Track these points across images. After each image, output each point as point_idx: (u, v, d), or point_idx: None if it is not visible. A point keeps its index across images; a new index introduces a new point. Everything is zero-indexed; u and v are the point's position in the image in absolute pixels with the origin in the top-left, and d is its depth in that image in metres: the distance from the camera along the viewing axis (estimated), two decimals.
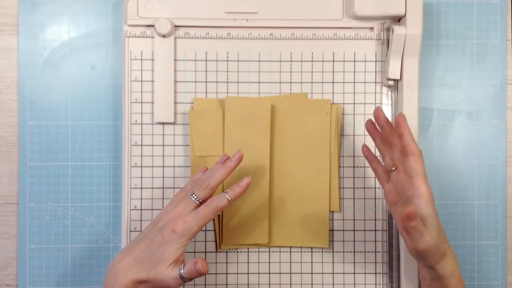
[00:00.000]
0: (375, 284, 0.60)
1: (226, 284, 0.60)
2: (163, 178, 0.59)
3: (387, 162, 0.54)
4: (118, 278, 0.49)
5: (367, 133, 0.60)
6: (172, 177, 0.60)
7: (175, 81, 0.59)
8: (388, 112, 0.60)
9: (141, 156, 0.59)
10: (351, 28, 0.60)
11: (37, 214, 0.61)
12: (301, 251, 0.61)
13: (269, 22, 0.59)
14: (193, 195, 0.51)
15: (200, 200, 0.51)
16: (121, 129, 0.61)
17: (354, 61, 0.60)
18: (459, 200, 0.62)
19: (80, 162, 0.61)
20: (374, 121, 0.55)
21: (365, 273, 0.61)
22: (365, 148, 0.57)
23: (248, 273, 0.60)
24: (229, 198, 0.51)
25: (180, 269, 0.48)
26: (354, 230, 0.61)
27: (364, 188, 0.60)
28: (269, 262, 0.60)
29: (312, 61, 0.60)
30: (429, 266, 0.50)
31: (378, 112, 0.53)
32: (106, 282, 0.50)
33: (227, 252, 0.60)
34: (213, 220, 0.60)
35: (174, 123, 0.60)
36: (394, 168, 0.53)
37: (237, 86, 0.60)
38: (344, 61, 0.60)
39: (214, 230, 0.60)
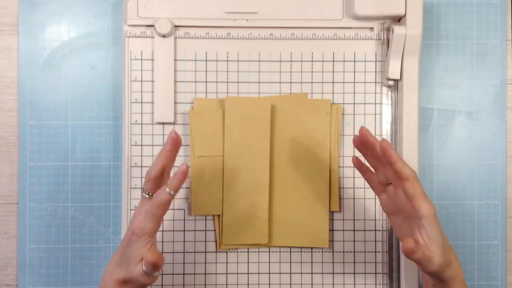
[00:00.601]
0: (375, 284, 0.61)
1: (226, 284, 0.60)
2: None
3: (382, 177, 0.53)
4: (106, 280, 0.51)
5: None
6: None
7: (175, 81, 0.59)
8: (388, 112, 0.60)
9: (141, 156, 0.59)
10: (351, 28, 0.60)
11: (37, 214, 0.61)
12: (301, 251, 0.61)
13: (269, 22, 0.59)
14: (143, 191, 0.50)
15: (150, 194, 0.49)
16: (121, 129, 0.61)
17: (354, 61, 0.60)
18: (459, 200, 0.62)
19: (80, 162, 0.61)
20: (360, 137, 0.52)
21: (365, 273, 0.61)
22: (356, 160, 0.55)
23: (248, 273, 0.60)
24: (168, 191, 0.47)
25: (142, 264, 0.49)
26: (354, 230, 0.61)
27: (364, 188, 0.60)
28: (269, 262, 0.60)
29: (312, 61, 0.60)
30: (434, 274, 0.50)
31: (363, 132, 0.51)
32: (100, 285, 0.52)
33: (227, 252, 0.60)
34: (213, 220, 0.60)
35: (174, 123, 0.60)
36: (390, 182, 0.52)
37: (237, 86, 0.60)
38: (344, 61, 0.60)
39: (214, 230, 0.60)
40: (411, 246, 0.47)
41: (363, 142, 0.52)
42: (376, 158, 0.52)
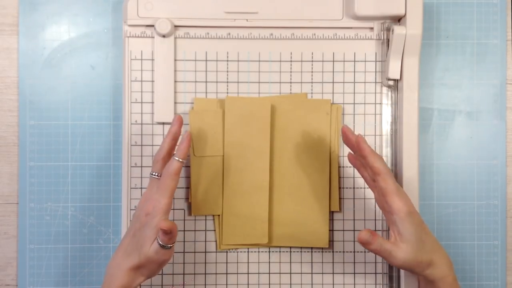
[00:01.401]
0: (375, 284, 0.61)
1: (226, 284, 0.60)
2: None
3: (369, 172, 0.54)
4: (113, 274, 0.51)
5: (367, 132, 0.60)
6: None
7: (175, 81, 0.59)
8: (388, 112, 0.60)
9: (141, 156, 0.59)
10: (351, 28, 0.60)
11: (37, 214, 0.61)
12: (301, 251, 0.60)
13: (269, 22, 0.59)
14: (152, 173, 0.53)
15: (158, 174, 0.53)
16: (121, 129, 0.61)
17: (354, 61, 0.60)
18: (459, 200, 0.62)
19: (80, 162, 0.61)
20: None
21: (365, 273, 0.61)
22: (351, 156, 0.56)
23: (248, 273, 0.60)
24: (178, 159, 0.51)
25: (157, 239, 0.50)
26: (354, 230, 0.61)
27: (364, 188, 0.60)
28: (269, 262, 0.60)
29: (312, 61, 0.60)
30: (413, 272, 0.52)
31: (343, 130, 0.54)
32: (103, 282, 0.52)
33: (227, 252, 0.60)
34: (213, 220, 0.60)
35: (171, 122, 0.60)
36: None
37: (237, 86, 0.60)
38: (344, 61, 0.60)
39: (214, 230, 0.60)
40: (365, 237, 0.50)
41: (345, 140, 0.54)
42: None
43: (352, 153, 0.56)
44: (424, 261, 0.50)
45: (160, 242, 0.49)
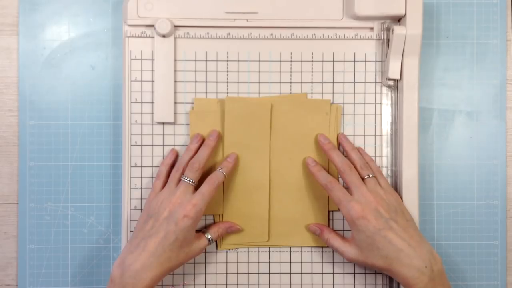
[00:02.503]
0: (375, 284, 0.60)
1: (226, 284, 0.60)
2: None
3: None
4: (139, 278, 0.50)
5: (367, 132, 0.60)
6: None
7: (175, 81, 0.59)
8: (388, 112, 0.60)
9: (141, 156, 0.59)
10: (351, 28, 0.60)
11: (37, 214, 0.61)
12: (301, 251, 0.61)
13: (269, 22, 0.59)
14: (187, 179, 0.55)
15: (194, 182, 0.55)
16: (121, 129, 0.61)
17: (354, 61, 0.60)
18: (459, 200, 0.62)
19: (80, 162, 0.61)
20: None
21: (365, 273, 0.61)
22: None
23: (248, 273, 0.60)
24: (224, 173, 0.56)
25: (207, 236, 0.56)
26: None
27: None
28: (269, 262, 0.60)
29: (312, 61, 0.60)
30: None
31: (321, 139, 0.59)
32: (123, 285, 0.50)
33: (227, 252, 0.60)
34: (213, 220, 0.60)
35: (174, 123, 0.60)
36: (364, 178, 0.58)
37: (237, 86, 0.60)
38: (344, 61, 0.60)
39: None
40: (311, 229, 0.59)
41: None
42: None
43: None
44: (378, 265, 0.53)
45: (211, 238, 0.56)
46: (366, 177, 0.56)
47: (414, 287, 0.51)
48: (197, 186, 0.55)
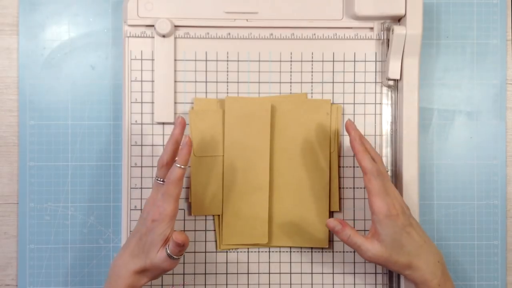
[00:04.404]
0: (375, 284, 0.61)
1: (226, 284, 0.60)
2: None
3: None
4: (119, 273, 0.51)
5: (367, 132, 0.60)
6: None
7: (175, 81, 0.59)
8: (388, 112, 0.60)
9: (141, 156, 0.59)
10: (351, 28, 0.60)
11: (37, 214, 0.61)
12: (301, 251, 0.61)
13: (269, 22, 0.59)
14: (157, 178, 0.53)
15: (163, 180, 0.53)
16: (121, 129, 0.61)
17: (354, 61, 0.60)
18: (459, 200, 0.62)
19: (80, 162, 0.61)
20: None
21: (365, 273, 0.61)
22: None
23: (248, 273, 0.60)
24: (179, 165, 0.50)
25: (166, 249, 0.50)
26: None
27: (364, 188, 0.60)
28: (269, 262, 0.60)
29: (312, 61, 0.60)
30: (393, 271, 0.54)
31: (347, 124, 0.55)
32: (108, 280, 0.52)
33: (227, 252, 0.60)
34: (213, 220, 0.60)
35: (174, 123, 0.60)
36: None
37: (237, 86, 0.60)
38: (344, 61, 0.60)
39: (214, 230, 0.60)
40: (331, 225, 0.53)
41: (348, 133, 0.55)
42: None
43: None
44: (401, 262, 0.52)
45: (169, 252, 0.50)
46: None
47: (431, 283, 0.52)
48: None
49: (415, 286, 0.54)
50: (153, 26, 0.58)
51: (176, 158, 0.51)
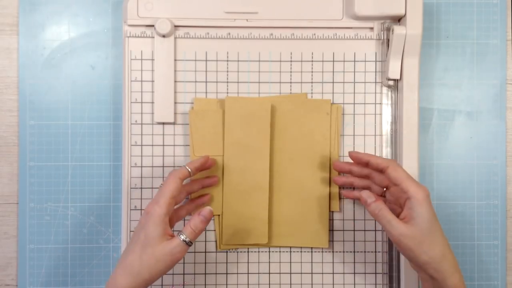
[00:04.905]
0: (375, 284, 0.60)
1: (226, 284, 0.60)
2: (163, 178, 0.59)
3: (375, 188, 0.57)
4: (115, 276, 0.49)
5: (367, 132, 0.60)
6: None
7: (175, 81, 0.59)
8: (388, 112, 0.60)
9: (141, 156, 0.59)
10: (351, 28, 0.60)
11: (37, 214, 0.61)
12: (301, 251, 0.61)
13: (269, 22, 0.59)
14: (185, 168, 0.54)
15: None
16: (121, 129, 0.61)
17: (354, 61, 0.60)
18: (459, 200, 0.62)
19: (80, 162, 0.61)
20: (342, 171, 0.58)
21: (365, 273, 0.61)
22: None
23: (248, 273, 0.60)
24: (189, 170, 0.53)
25: (180, 236, 0.49)
26: (354, 230, 0.61)
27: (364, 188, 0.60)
28: (269, 262, 0.60)
29: (312, 61, 0.60)
30: (414, 262, 0.50)
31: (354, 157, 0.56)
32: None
33: (227, 252, 0.60)
34: (213, 220, 0.60)
35: (174, 123, 0.60)
36: (384, 189, 0.56)
37: (237, 86, 0.60)
38: (344, 61, 0.60)
39: (214, 230, 0.60)
40: (365, 196, 0.51)
41: (356, 162, 0.56)
42: (360, 177, 0.58)
43: (367, 192, 0.54)
44: (430, 254, 0.48)
45: (186, 236, 0.49)
46: None
47: (456, 280, 0.49)
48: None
49: (437, 283, 0.49)
50: (153, 26, 0.58)
51: (189, 165, 0.54)
